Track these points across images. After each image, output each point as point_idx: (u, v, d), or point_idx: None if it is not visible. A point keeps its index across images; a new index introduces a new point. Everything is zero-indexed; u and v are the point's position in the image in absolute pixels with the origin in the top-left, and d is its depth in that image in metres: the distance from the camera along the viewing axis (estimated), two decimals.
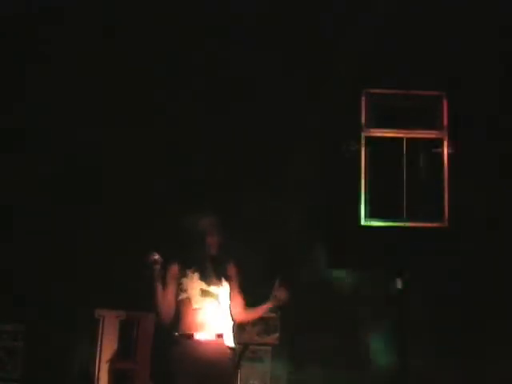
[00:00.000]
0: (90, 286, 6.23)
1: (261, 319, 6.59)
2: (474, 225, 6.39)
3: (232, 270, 4.83)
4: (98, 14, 6.54)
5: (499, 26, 6.55)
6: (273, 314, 6.56)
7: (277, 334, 6.54)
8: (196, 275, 4.63)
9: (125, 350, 6.31)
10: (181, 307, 4.59)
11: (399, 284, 6.23)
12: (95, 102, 6.50)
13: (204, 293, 4.58)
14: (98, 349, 6.32)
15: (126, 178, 6.46)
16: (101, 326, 6.34)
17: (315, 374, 6.30)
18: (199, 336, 4.50)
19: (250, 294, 6.58)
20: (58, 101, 6.51)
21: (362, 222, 6.70)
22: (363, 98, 6.83)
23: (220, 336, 4.52)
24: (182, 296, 4.59)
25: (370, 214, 6.70)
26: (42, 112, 6.53)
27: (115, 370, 6.25)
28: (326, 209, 6.52)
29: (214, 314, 4.56)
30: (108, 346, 6.30)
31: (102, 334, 6.33)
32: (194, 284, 4.60)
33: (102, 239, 6.33)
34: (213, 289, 4.62)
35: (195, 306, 4.54)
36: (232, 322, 4.67)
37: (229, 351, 4.58)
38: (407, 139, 6.76)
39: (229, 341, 4.57)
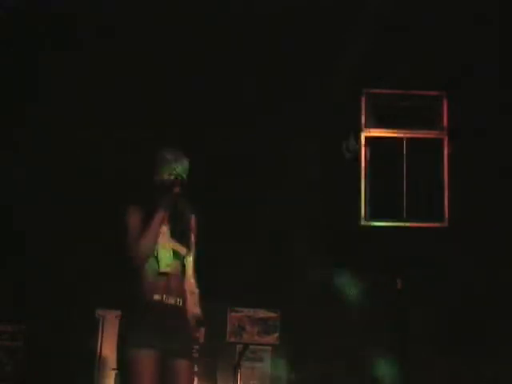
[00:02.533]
0: (90, 286, 6.23)
1: (261, 319, 6.60)
2: (473, 225, 6.39)
3: (194, 224, 4.08)
4: (99, 14, 6.55)
5: (499, 26, 6.55)
6: (273, 314, 6.56)
7: (277, 334, 6.54)
8: (167, 231, 3.91)
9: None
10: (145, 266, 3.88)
11: (399, 284, 6.24)
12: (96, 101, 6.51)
13: (175, 254, 3.91)
14: (98, 349, 6.32)
15: (125, 178, 6.47)
16: (101, 325, 6.34)
17: (315, 374, 6.30)
18: (163, 300, 3.89)
19: (251, 296, 6.62)
20: (60, 101, 6.52)
21: (362, 222, 6.71)
22: (363, 98, 6.84)
23: (184, 301, 3.96)
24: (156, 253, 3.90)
25: (370, 214, 6.72)
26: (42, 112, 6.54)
27: (115, 370, 6.26)
28: (326, 209, 6.52)
29: (180, 277, 3.95)
30: (108, 346, 6.31)
31: (102, 334, 6.33)
32: (166, 242, 3.89)
33: (102, 239, 6.33)
34: (179, 248, 3.94)
35: (163, 269, 3.86)
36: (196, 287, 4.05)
37: (193, 317, 4.01)
38: (407, 139, 6.77)
39: (194, 307, 4.00)
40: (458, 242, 6.41)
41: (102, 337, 6.33)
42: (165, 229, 3.91)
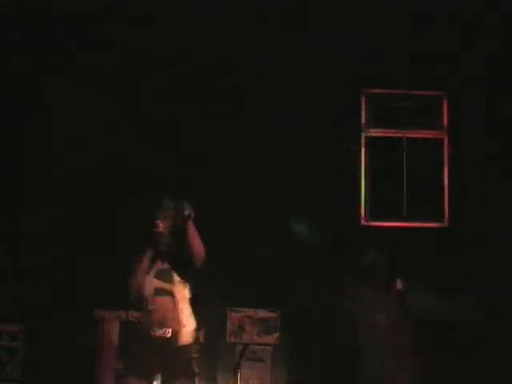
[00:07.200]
0: (90, 286, 6.23)
1: (261, 319, 6.60)
2: (473, 225, 6.39)
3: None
4: (99, 13, 6.55)
5: (499, 27, 6.56)
6: (273, 314, 6.56)
7: (277, 334, 6.54)
8: (152, 272, 4.46)
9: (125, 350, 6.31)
10: (142, 303, 4.48)
11: (399, 284, 6.24)
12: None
13: (158, 291, 4.43)
14: (98, 349, 6.32)
15: (125, 178, 6.47)
16: (101, 325, 6.35)
17: (315, 374, 6.29)
18: (156, 333, 4.38)
19: (251, 296, 6.62)
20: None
21: (362, 222, 6.72)
22: (363, 98, 6.85)
23: (176, 332, 4.39)
24: (144, 292, 4.48)
25: (370, 214, 6.72)
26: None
27: (115, 370, 6.26)
28: (326, 209, 6.51)
29: (170, 310, 4.41)
30: (108, 346, 6.31)
31: (102, 333, 6.33)
32: (149, 282, 4.44)
33: (102, 239, 6.33)
34: (167, 285, 4.45)
35: (149, 307, 4.41)
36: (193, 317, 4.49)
37: (188, 347, 4.44)
38: (407, 139, 6.78)
39: (187, 336, 4.43)
40: (458, 242, 6.41)
41: (102, 337, 6.33)
42: (152, 270, 4.43)
